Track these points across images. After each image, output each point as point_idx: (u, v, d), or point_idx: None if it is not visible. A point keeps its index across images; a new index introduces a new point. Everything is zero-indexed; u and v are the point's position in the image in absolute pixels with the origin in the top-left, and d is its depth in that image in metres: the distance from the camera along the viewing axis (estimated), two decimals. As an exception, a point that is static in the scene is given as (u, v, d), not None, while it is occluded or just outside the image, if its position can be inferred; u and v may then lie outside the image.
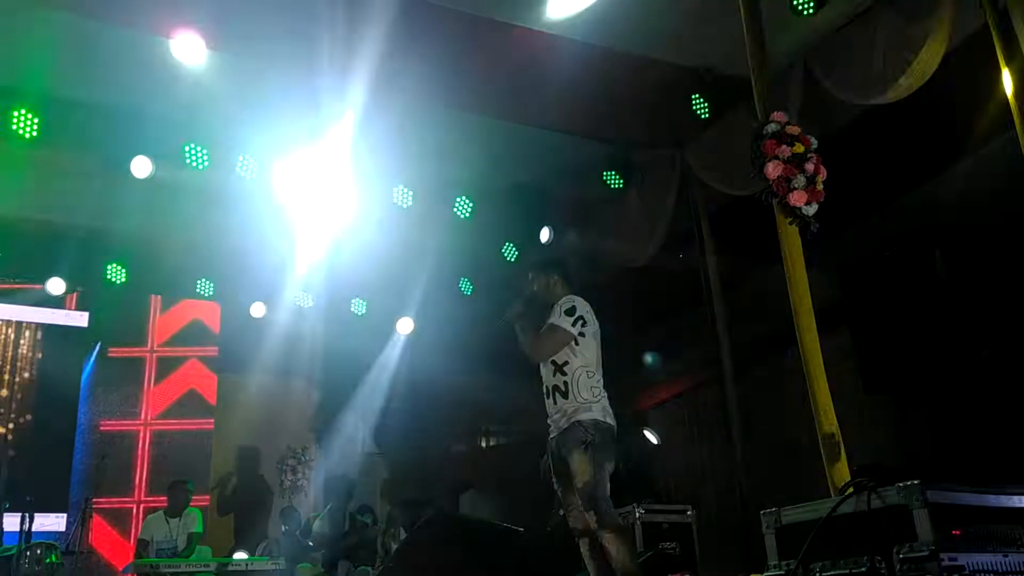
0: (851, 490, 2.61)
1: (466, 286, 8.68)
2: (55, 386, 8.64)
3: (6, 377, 8.48)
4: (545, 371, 4.37)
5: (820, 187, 3.99)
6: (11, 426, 8.31)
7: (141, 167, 6.21)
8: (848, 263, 5.50)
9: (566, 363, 4.29)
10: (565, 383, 4.25)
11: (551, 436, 4.34)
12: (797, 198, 3.93)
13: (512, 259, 7.80)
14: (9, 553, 6.04)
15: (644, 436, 6.71)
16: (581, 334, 4.29)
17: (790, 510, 2.86)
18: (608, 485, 4.10)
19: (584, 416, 4.16)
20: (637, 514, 5.92)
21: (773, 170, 3.94)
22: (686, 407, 8.64)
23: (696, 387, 8.39)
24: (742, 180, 5.88)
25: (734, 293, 6.66)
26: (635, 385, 8.91)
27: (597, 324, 4.39)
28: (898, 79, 4.86)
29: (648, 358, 8.01)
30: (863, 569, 2.46)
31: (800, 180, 3.93)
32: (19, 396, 8.49)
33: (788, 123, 4.11)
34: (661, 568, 5.03)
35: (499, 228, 7.59)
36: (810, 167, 3.97)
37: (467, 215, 7.14)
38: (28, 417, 8.44)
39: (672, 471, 8.26)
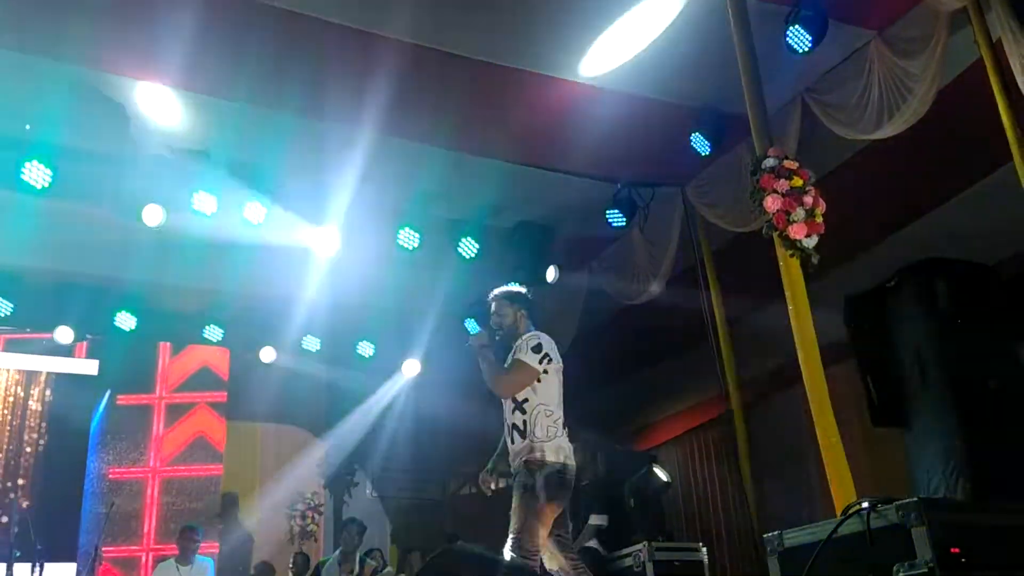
0: (851, 511, 2.63)
1: (473, 326, 8.71)
2: (65, 434, 8.68)
3: (16, 426, 8.51)
4: (506, 408, 4.32)
5: (820, 219, 4.04)
6: (20, 480, 8.32)
7: (152, 215, 6.30)
8: (852, 295, 5.52)
9: (526, 400, 4.22)
10: (524, 422, 4.19)
11: (512, 473, 4.30)
12: (797, 231, 3.97)
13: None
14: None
15: (654, 473, 6.68)
16: (545, 371, 4.23)
17: (792, 533, 2.86)
18: (539, 533, 4.05)
19: (532, 456, 4.12)
20: (648, 554, 5.88)
21: (772, 203, 3.99)
22: (696, 443, 8.61)
23: (705, 424, 8.37)
24: (743, 216, 5.94)
25: (739, 328, 6.67)
26: (644, 422, 8.91)
27: (561, 361, 4.35)
28: (894, 115, 4.93)
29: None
30: (864, 588, 2.48)
31: (799, 213, 3.99)
32: (28, 447, 8.51)
33: (786, 157, 4.18)
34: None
35: (504, 267, 7.63)
36: (809, 200, 4.03)
37: (472, 255, 7.20)
38: (38, 466, 8.46)
39: (683, 509, 8.21)
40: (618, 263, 7.44)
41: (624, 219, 6.91)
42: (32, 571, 6.13)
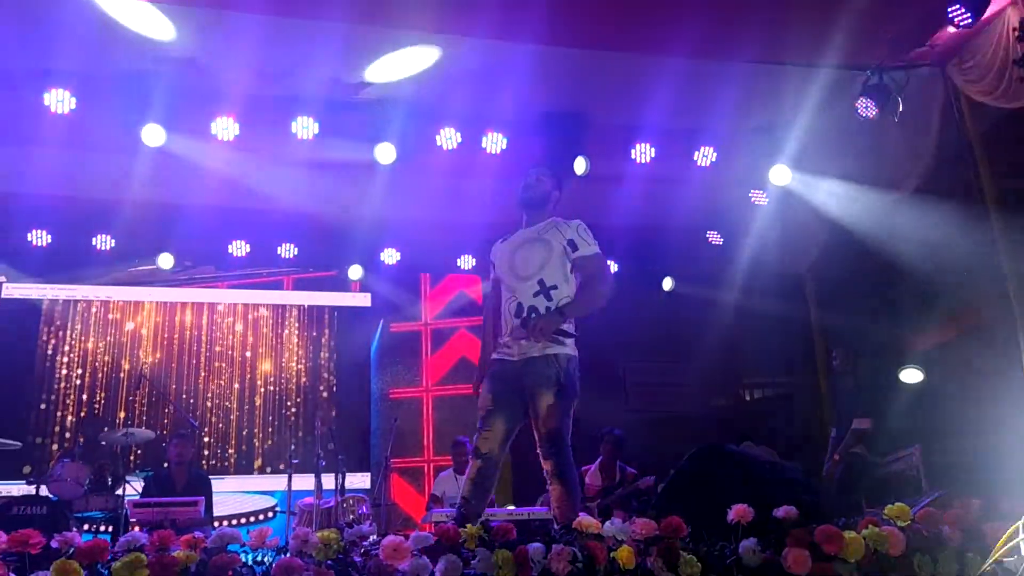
0: None
1: (716, 238, 8.58)
2: (350, 361, 9.70)
3: (311, 362, 9.64)
4: (523, 286, 3.93)
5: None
6: (320, 397, 9.45)
7: (386, 153, 6.75)
8: None
9: (555, 287, 3.90)
10: (547, 308, 3.85)
11: (507, 360, 3.92)
12: (1082, 95, 3.52)
13: (763, 204, 7.60)
14: (328, 506, 6.91)
15: (903, 377, 6.34)
16: None
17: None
18: (570, 429, 3.80)
19: (560, 351, 3.81)
20: (920, 457, 5.63)
21: (1049, 68, 3.56)
22: (971, 345, 7.95)
23: (981, 324, 7.70)
24: (1014, 90, 5.33)
25: (1016, 215, 6.04)
26: (914, 325, 8.32)
27: None
28: None
29: None
30: None
31: (1083, 74, 3.52)
32: (321, 383, 9.63)
33: (1064, 13, 3.69)
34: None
35: (743, 174, 7.41)
36: (1095, 58, 3.54)
37: (710, 162, 7.04)
38: (332, 393, 9.58)
39: (953, 413, 7.65)
40: (872, 155, 6.95)
41: (876, 108, 6.43)
42: (336, 479, 7.02)
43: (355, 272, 9.00)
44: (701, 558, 3.18)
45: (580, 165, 6.85)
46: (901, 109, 6.50)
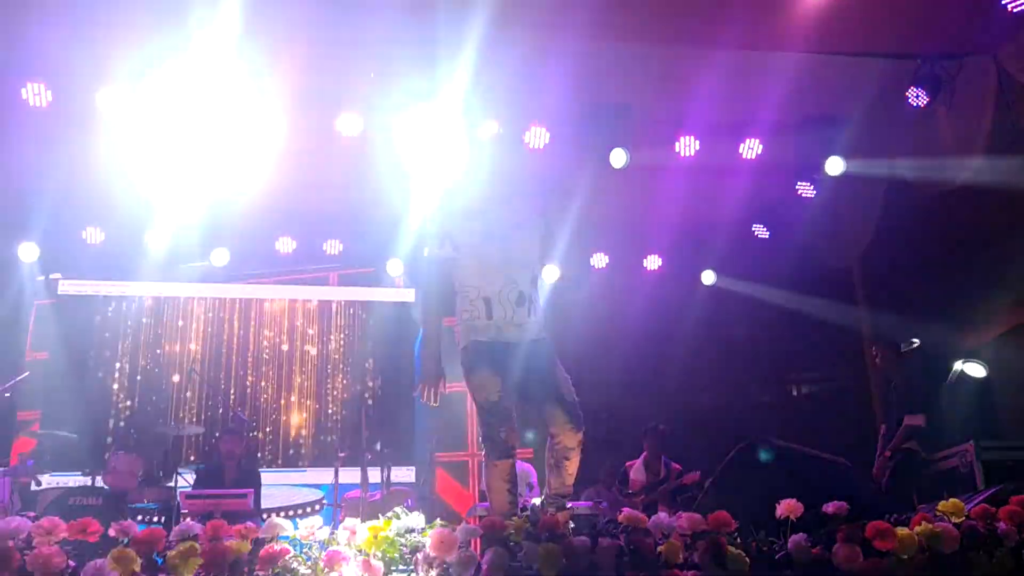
0: None
1: (761, 231, 8.48)
2: (395, 356, 9.74)
3: (355, 356, 9.74)
4: (523, 275, 3.97)
5: None
6: (367, 393, 9.54)
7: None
8: None
9: (536, 279, 4.08)
10: (535, 300, 4.02)
11: (508, 344, 3.90)
12: None
13: (811, 195, 7.49)
14: (374, 499, 7.00)
15: (964, 370, 6.18)
16: None
17: None
18: None
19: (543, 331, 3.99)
20: (975, 453, 5.50)
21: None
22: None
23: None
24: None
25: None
26: (968, 317, 8.16)
27: None
28: None
29: None
30: None
31: None
32: (369, 367, 9.72)
33: None
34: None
35: (789, 165, 7.30)
36: None
37: (755, 154, 6.95)
38: (378, 383, 9.65)
39: (1015, 408, 7.47)
40: (923, 146, 6.81)
41: (927, 97, 6.29)
42: (381, 473, 7.12)
43: (397, 268, 9.05)
44: (749, 553, 3.16)
45: (619, 158, 6.81)
46: (953, 98, 6.37)
